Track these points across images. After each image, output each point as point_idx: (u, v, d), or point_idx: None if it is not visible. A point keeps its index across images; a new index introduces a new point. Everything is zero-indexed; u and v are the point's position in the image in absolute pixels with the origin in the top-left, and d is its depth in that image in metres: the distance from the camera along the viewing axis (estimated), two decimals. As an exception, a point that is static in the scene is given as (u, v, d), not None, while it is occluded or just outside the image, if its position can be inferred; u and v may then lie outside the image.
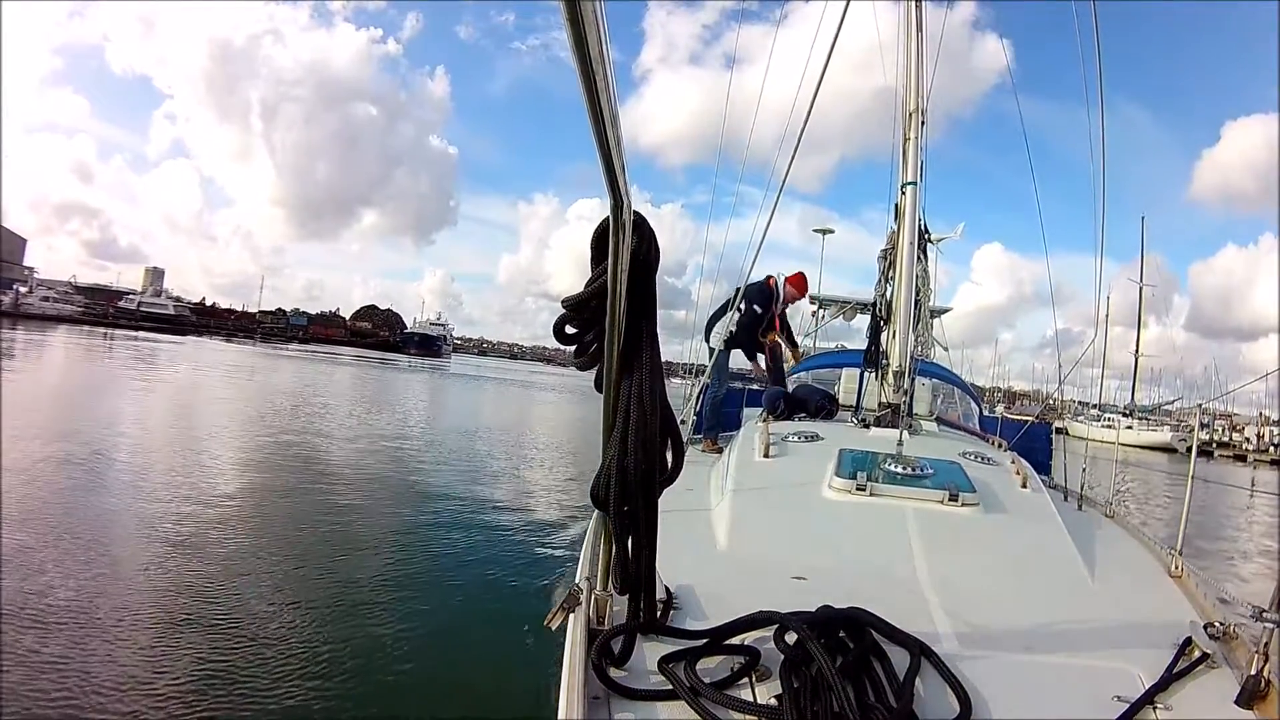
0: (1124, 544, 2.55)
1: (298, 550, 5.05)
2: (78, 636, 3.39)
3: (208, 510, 5.84)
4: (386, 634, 3.78)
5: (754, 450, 2.78)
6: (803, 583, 1.75)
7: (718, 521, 2.19)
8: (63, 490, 6.05)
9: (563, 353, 3.68)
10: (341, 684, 3.20)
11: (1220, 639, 1.55)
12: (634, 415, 1.21)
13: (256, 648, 3.44)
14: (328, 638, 3.64)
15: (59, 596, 3.80)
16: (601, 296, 1.17)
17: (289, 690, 3.09)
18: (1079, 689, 1.35)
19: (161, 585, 4.13)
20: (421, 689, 3.27)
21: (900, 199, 3.83)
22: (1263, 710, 1.29)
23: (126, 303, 69.96)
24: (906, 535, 2.05)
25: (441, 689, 3.31)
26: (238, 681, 3.11)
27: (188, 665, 3.21)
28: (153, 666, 3.18)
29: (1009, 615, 1.69)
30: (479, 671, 3.49)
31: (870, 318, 4.21)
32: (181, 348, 37.51)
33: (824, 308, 10.95)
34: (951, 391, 6.25)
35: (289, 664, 3.31)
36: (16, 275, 66.34)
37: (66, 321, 54.21)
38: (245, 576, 4.40)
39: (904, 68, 3.95)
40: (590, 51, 0.73)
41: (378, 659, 3.47)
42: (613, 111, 0.85)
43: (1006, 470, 2.76)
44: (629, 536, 1.27)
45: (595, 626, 1.34)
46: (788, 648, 1.25)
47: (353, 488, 7.39)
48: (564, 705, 1.12)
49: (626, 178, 1.01)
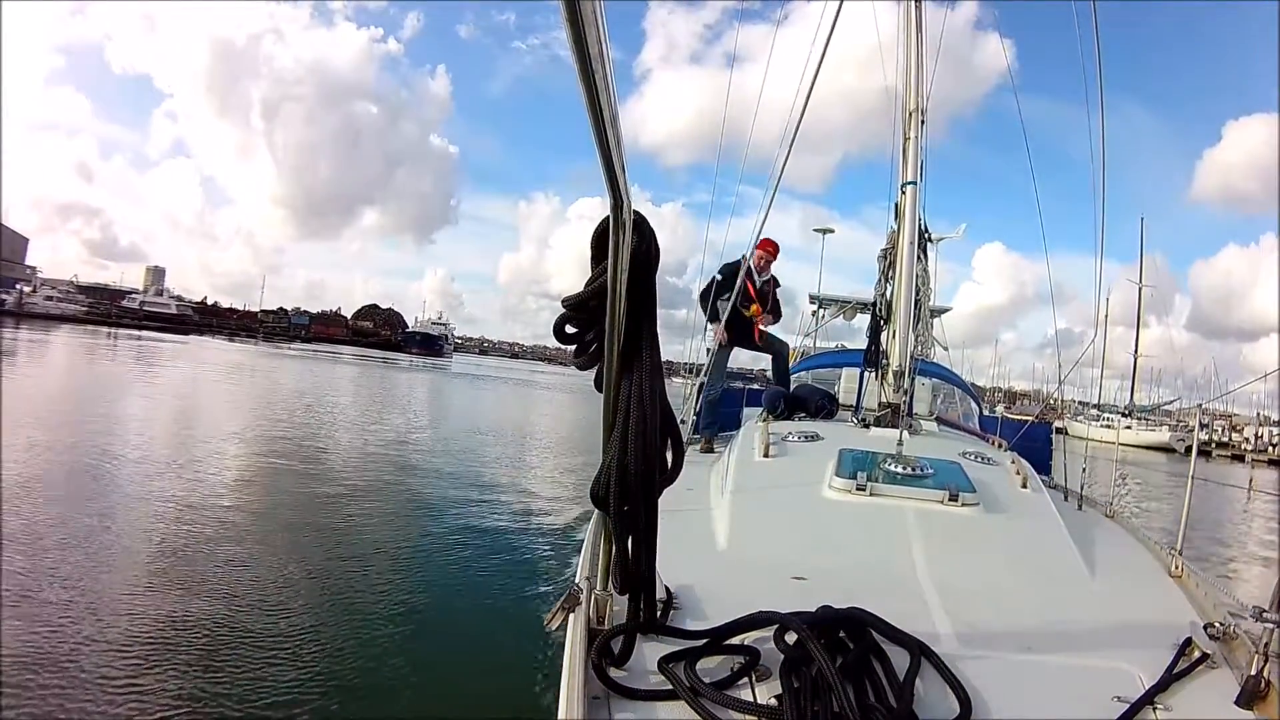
0: (1124, 544, 2.54)
1: (297, 549, 5.05)
2: (78, 633, 3.39)
3: (203, 511, 5.84)
4: (386, 634, 3.78)
5: (754, 450, 2.77)
6: (803, 583, 1.75)
7: (718, 521, 2.19)
8: (71, 486, 6.05)
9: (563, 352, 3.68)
10: (340, 684, 3.20)
11: (1220, 639, 1.55)
12: (634, 415, 1.21)
13: (256, 647, 3.44)
14: (326, 637, 3.65)
15: (60, 590, 3.81)
16: (601, 296, 1.17)
17: (288, 690, 3.09)
18: (1079, 689, 1.35)
19: (160, 582, 4.13)
20: (421, 689, 3.27)
21: (900, 198, 3.83)
22: (1263, 710, 1.29)
23: (129, 302, 70.34)
24: (906, 535, 2.05)
25: (442, 689, 3.32)
26: (237, 681, 3.11)
27: (186, 665, 3.21)
28: (152, 665, 3.18)
29: (1009, 615, 1.69)
30: (479, 671, 3.49)
31: (870, 317, 4.20)
32: (185, 347, 37.77)
33: (824, 307, 10.94)
34: (952, 391, 6.25)
35: (288, 663, 3.31)
36: (19, 274, 66.52)
37: (70, 321, 54.37)
38: (245, 576, 4.40)
39: (904, 68, 3.95)
40: (590, 51, 0.73)
41: (377, 659, 3.48)
42: (613, 111, 0.85)
43: (1006, 470, 2.75)
44: (629, 536, 1.27)
45: (595, 626, 1.34)
46: (788, 648, 1.25)
47: (354, 487, 7.39)
48: (564, 705, 1.12)
49: (626, 177, 1.01)
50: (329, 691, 3.12)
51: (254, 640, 3.51)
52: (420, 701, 3.18)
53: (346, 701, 3.08)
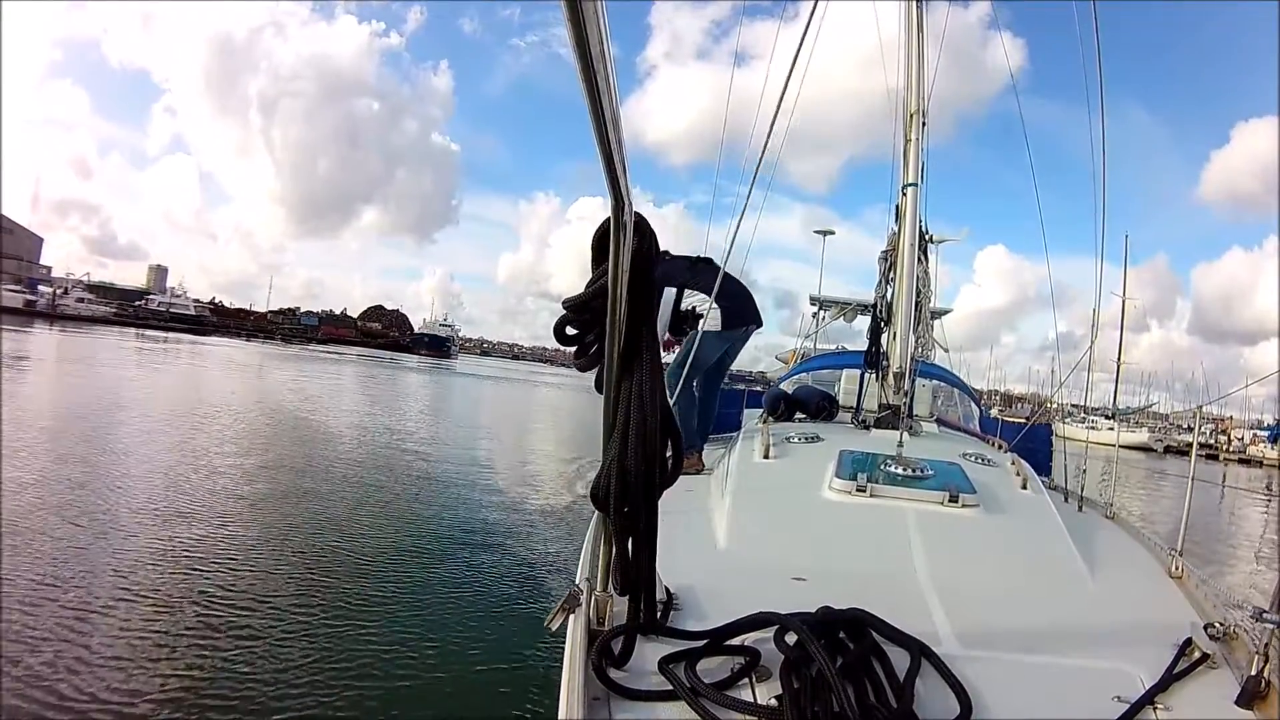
0: (1124, 544, 2.54)
1: (298, 547, 5.05)
2: (76, 629, 3.40)
3: (207, 511, 5.85)
4: (385, 634, 3.78)
5: (754, 451, 2.77)
6: (803, 583, 1.75)
7: (718, 522, 2.19)
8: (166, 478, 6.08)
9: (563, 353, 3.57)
10: (339, 684, 3.20)
11: (1220, 639, 1.55)
12: (634, 416, 1.22)
13: (254, 647, 3.44)
14: (325, 637, 3.65)
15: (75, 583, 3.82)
16: (602, 298, 1.17)
17: (287, 690, 3.09)
18: (1079, 689, 1.35)
19: (161, 579, 4.14)
20: (421, 689, 3.27)
21: (901, 200, 3.83)
22: (1263, 710, 1.29)
23: (150, 303, 70.91)
24: (907, 536, 2.05)
25: (442, 689, 3.31)
26: (236, 681, 3.11)
27: (185, 664, 3.21)
28: (151, 663, 3.18)
29: (1009, 616, 1.69)
30: (479, 671, 3.49)
31: (870, 319, 4.20)
32: (226, 350, 38.70)
33: (824, 309, 10.95)
34: (952, 393, 6.25)
35: (287, 663, 3.32)
36: (36, 274, 66.80)
37: (101, 322, 54.61)
38: (245, 575, 4.40)
39: (904, 68, 3.94)
40: (591, 50, 0.73)
41: (376, 659, 3.48)
42: (614, 111, 0.85)
43: (1007, 471, 2.75)
44: (629, 537, 1.27)
45: (595, 627, 1.34)
46: (788, 648, 1.25)
47: (355, 486, 7.39)
48: (564, 705, 1.12)
49: (628, 178, 1.01)
50: (328, 691, 3.12)
51: (252, 639, 3.51)
52: (420, 701, 3.18)
53: (345, 701, 3.08)
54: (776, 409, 4.13)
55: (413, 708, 3.13)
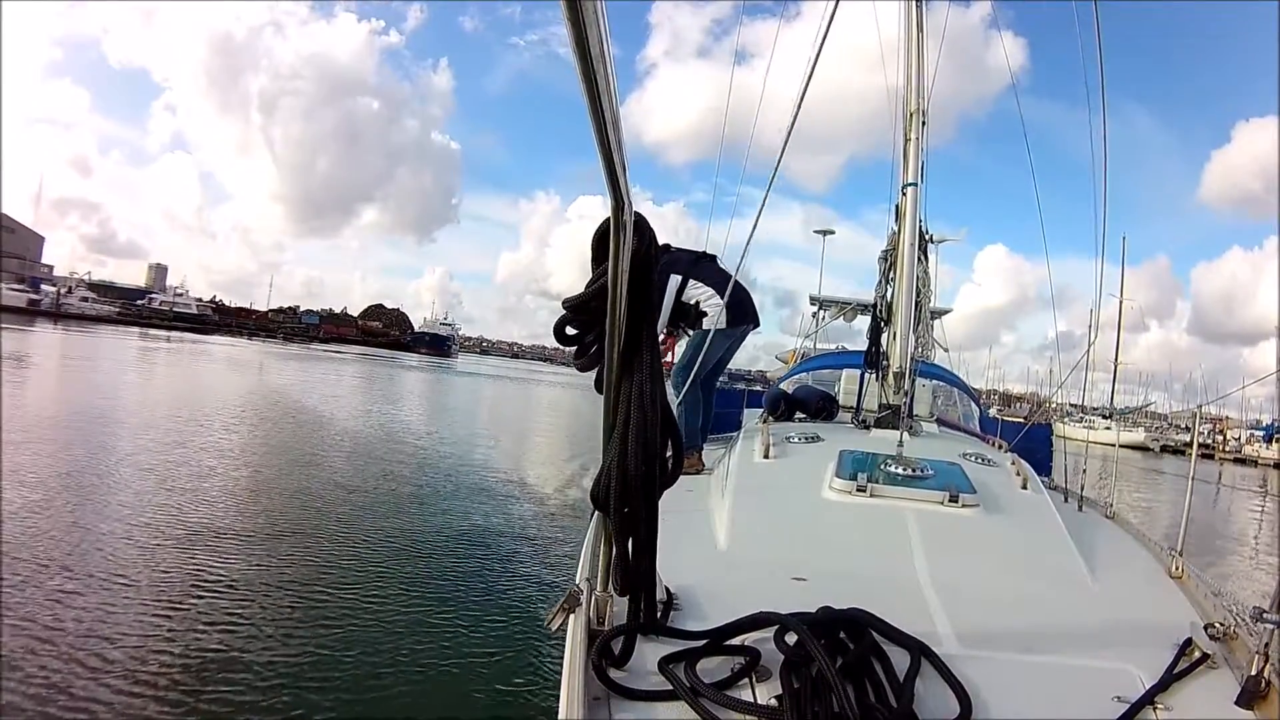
0: (1124, 544, 2.54)
1: (297, 547, 5.05)
2: (75, 629, 3.39)
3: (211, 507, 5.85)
4: (385, 634, 3.78)
5: (754, 451, 2.77)
6: (803, 583, 1.75)
7: (718, 522, 2.19)
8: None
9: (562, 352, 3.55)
10: (339, 684, 3.20)
11: (1220, 639, 1.55)
12: (634, 417, 1.21)
13: (253, 646, 3.44)
14: (325, 637, 3.65)
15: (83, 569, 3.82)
16: (602, 297, 1.17)
17: (286, 690, 3.09)
18: (1079, 689, 1.35)
19: (158, 578, 4.14)
20: (421, 689, 3.27)
21: (901, 200, 3.83)
22: (1263, 710, 1.29)
23: (153, 302, 71.19)
24: (907, 536, 2.04)
25: (442, 689, 3.32)
26: (235, 681, 3.11)
27: (185, 664, 3.21)
28: (150, 662, 3.18)
29: (1009, 616, 1.69)
30: (479, 671, 3.49)
31: (870, 319, 4.20)
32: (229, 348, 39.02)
33: (824, 309, 10.95)
34: (952, 393, 6.25)
35: (286, 663, 3.32)
36: (38, 273, 66.98)
37: (105, 321, 54.60)
38: (245, 575, 4.40)
39: (905, 68, 3.94)
40: (591, 50, 0.73)
41: (376, 659, 3.48)
42: (614, 111, 0.85)
43: (1007, 471, 2.75)
44: (629, 537, 1.27)
45: (595, 627, 1.33)
46: (788, 648, 1.25)
47: (356, 486, 7.39)
48: (564, 705, 1.12)
49: (628, 178, 1.01)
50: (327, 692, 3.12)
51: (251, 639, 3.51)
52: (420, 702, 3.18)
53: (345, 702, 3.08)
54: (776, 409, 4.13)
55: (413, 707, 3.13)
